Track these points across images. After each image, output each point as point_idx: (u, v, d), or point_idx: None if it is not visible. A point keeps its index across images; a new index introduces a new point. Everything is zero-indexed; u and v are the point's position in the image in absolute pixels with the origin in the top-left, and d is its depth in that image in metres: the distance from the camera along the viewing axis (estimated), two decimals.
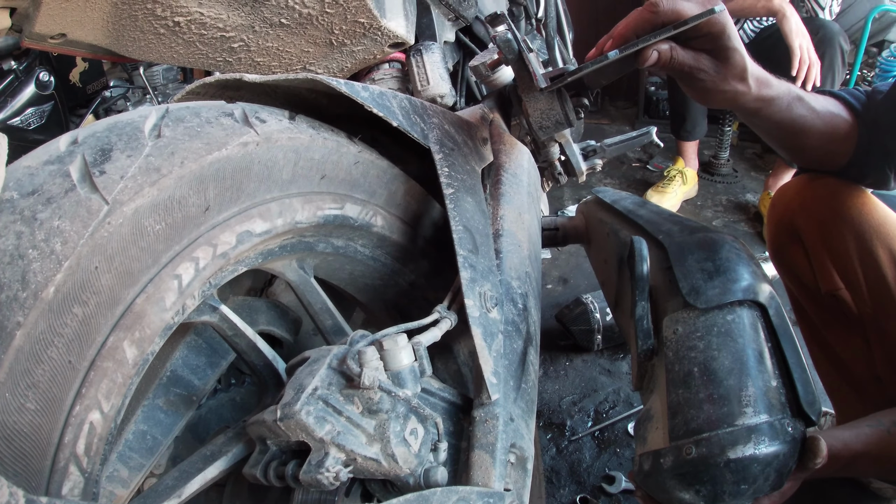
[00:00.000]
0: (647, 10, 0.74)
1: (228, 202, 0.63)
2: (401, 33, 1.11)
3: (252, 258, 0.71)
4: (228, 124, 0.64)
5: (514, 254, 0.79)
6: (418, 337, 0.63)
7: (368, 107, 0.71)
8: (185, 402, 0.82)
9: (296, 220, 0.70)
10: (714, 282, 0.79)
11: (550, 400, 1.68)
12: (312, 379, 0.60)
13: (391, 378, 0.60)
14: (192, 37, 1.08)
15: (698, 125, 2.66)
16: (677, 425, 0.74)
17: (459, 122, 0.88)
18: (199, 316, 0.71)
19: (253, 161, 0.64)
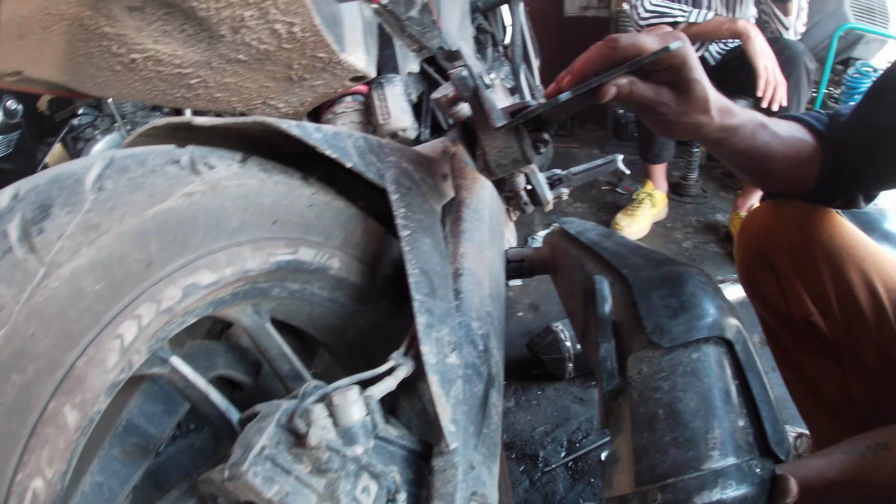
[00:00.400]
0: (606, 46, 0.74)
1: (173, 255, 0.61)
2: (361, 67, 1.10)
3: (201, 308, 0.69)
4: (173, 173, 0.62)
5: (474, 293, 0.77)
6: (370, 390, 0.61)
7: (321, 149, 0.70)
8: (141, 452, 0.78)
9: (246, 269, 0.68)
10: (679, 319, 0.78)
11: (523, 431, 1.66)
12: (260, 437, 0.57)
13: (341, 434, 0.57)
14: (149, 73, 1.07)
15: (665, 148, 2.69)
16: (643, 470, 0.72)
17: (418, 158, 0.87)
18: (149, 369, 0.69)
19: (199, 211, 0.62)
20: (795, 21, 2.41)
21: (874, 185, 1.00)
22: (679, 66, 0.75)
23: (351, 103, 1.21)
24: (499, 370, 0.78)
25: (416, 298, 0.67)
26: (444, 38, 1.43)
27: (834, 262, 1.04)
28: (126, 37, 0.96)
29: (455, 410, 0.66)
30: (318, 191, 0.75)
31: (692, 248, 2.64)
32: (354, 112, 1.20)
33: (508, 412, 1.72)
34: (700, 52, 2.60)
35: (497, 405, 0.77)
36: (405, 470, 0.68)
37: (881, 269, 1.03)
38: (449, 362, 0.67)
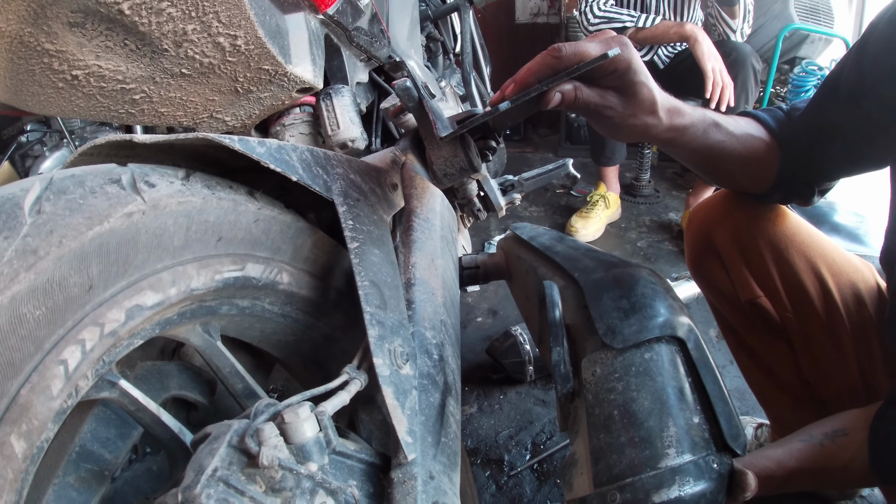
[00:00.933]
0: (549, 55, 0.74)
1: (114, 277, 0.60)
2: (308, 78, 1.09)
3: (148, 330, 0.67)
4: (113, 193, 0.61)
5: (427, 303, 0.77)
6: (322, 405, 0.60)
7: (265, 163, 0.69)
8: (97, 478, 0.77)
9: (192, 288, 0.66)
10: (630, 320, 0.78)
11: (487, 436, 1.66)
12: (212, 459, 0.56)
13: (295, 452, 0.57)
14: (92, 90, 1.04)
15: (617, 151, 2.73)
16: (600, 471, 0.72)
17: (367, 169, 0.86)
18: (98, 393, 0.67)
19: (139, 231, 0.61)
20: (742, 23, 2.48)
21: (829, 177, 1.03)
22: (624, 70, 0.76)
23: (299, 115, 1.20)
24: (455, 378, 0.78)
25: (367, 311, 0.66)
26: (393, 48, 1.42)
27: (777, 249, 1.07)
28: (67, 53, 0.94)
29: (411, 421, 0.66)
30: (265, 205, 0.74)
31: (647, 247, 2.69)
32: (303, 124, 1.18)
33: (471, 418, 1.72)
34: (649, 56, 2.65)
35: (455, 413, 0.76)
36: (365, 483, 0.67)
37: (826, 255, 1.07)
38: (403, 373, 0.66)
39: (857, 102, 0.89)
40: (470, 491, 1.15)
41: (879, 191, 2.55)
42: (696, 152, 0.93)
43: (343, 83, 1.21)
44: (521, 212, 3.04)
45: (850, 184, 2.71)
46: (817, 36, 3.12)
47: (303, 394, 0.61)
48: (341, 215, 0.73)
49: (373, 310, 0.67)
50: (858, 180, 1.09)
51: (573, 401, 0.81)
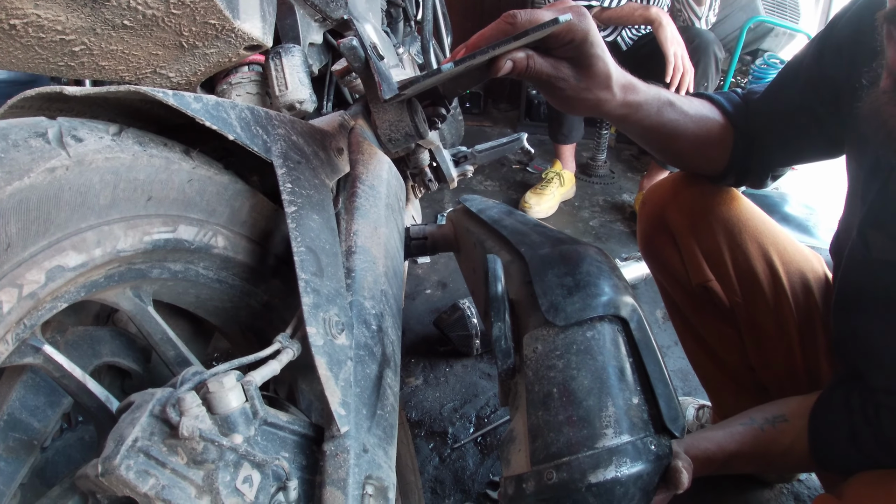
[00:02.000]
0: (503, 22, 0.72)
1: (34, 236, 0.56)
2: (256, 35, 1.05)
3: (72, 292, 0.64)
4: (37, 147, 0.57)
5: (368, 272, 0.75)
6: (250, 375, 0.57)
7: (200, 119, 0.65)
8: (26, 447, 0.73)
9: (118, 249, 0.63)
10: (574, 297, 0.77)
11: (431, 408, 1.66)
12: (133, 429, 0.53)
13: (219, 423, 0.54)
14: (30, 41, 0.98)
15: (574, 129, 2.73)
16: (538, 449, 0.72)
17: (311, 131, 0.83)
18: (21, 358, 0.65)
19: (62, 188, 0.57)
20: (707, 11, 2.49)
21: (782, 162, 1.04)
22: (580, 41, 0.74)
23: (247, 74, 1.15)
24: (395, 350, 0.77)
25: (302, 278, 0.64)
26: (351, 9, 1.38)
27: (731, 233, 1.08)
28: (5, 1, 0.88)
29: (345, 393, 0.64)
30: (200, 165, 0.70)
31: (599, 226, 2.71)
32: (251, 83, 1.14)
33: (416, 390, 1.72)
34: (612, 37, 2.64)
35: (393, 386, 0.75)
36: (297, 456, 0.66)
37: (778, 243, 1.08)
38: (338, 343, 0.65)
39: (815, 90, 0.90)
40: (411, 463, 1.14)
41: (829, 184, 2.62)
42: (649, 130, 0.93)
43: (295, 43, 1.17)
44: (475, 185, 3.03)
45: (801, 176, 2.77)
46: (782, 30, 3.16)
47: (230, 362, 0.59)
48: (279, 178, 0.70)
49: (308, 277, 0.65)
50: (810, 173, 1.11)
51: (514, 377, 0.81)
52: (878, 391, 0.81)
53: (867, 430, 0.81)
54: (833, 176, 2.71)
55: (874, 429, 0.80)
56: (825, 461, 0.87)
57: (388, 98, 0.78)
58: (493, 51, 0.67)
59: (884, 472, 0.79)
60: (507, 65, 0.72)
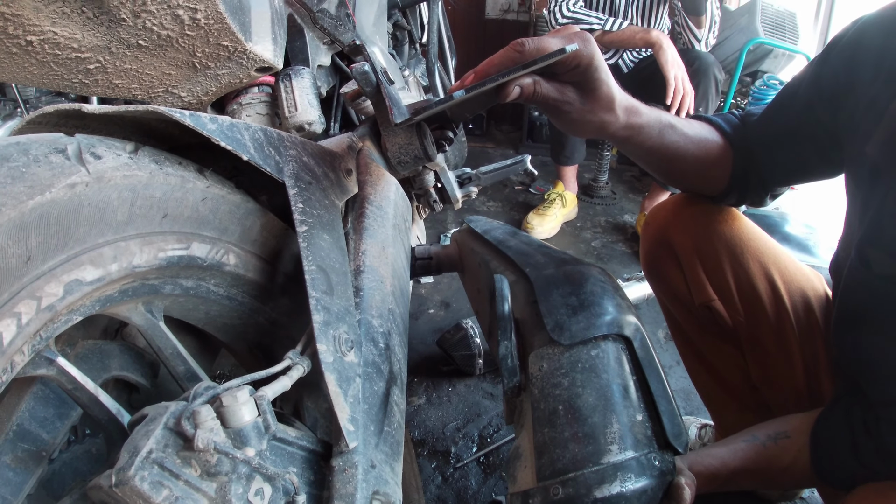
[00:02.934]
0: (512, 49, 0.74)
1: (54, 250, 0.58)
2: (267, 57, 1.07)
3: (88, 306, 0.65)
4: (58, 163, 0.59)
5: (375, 290, 0.76)
6: (262, 390, 0.59)
7: (215, 140, 0.67)
8: (34, 458, 0.74)
9: (133, 265, 0.64)
10: (578, 317, 0.79)
11: (434, 427, 1.66)
12: (147, 441, 0.54)
13: (232, 436, 0.56)
14: (46, 57, 1.00)
15: (577, 151, 2.75)
16: (544, 465, 0.73)
17: (321, 152, 0.85)
18: (34, 370, 0.65)
19: (82, 203, 0.59)
20: (707, 34, 2.52)
21: (781, 181, 1.06)
22: (585, 66, 0.76)
23: (257, 94, 1.17)
24: (401, 368, 0.78)
25: (313, 296, 0.65)
26: (358, 33, 1.41)
27: (734, 253, 1.09)
28: (23, 17, 0.91)
29: (354, 409, 0.65)
30: (214, 184, 0.72)
31: (601, 247, 2.72)
32: (260, 103, 1.16)
33: (419, 409, 1.72)
34: (613, 60, 2.67)
35: (400, 403, 0.76)
36: (305, 471, 0.67)
37: (779, 262, 1.09)
38: (347, 361, 0.66)
39: (813, 112, 0.92)
40: (415, 482, 1.15)
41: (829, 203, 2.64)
42: (651, 151, 0.95)
43: (304, 65, 1.19)
44: (478, 206, 3.05)
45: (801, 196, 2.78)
46: (781, 51, 3.18)
47: (243, 378, 0.60)
48: (291, 198, 0.72)
49: (318, 295, 0.66)
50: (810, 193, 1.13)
51: (519, 395, 0.82)
52: (877, 404, 0.82)
53: (868, 442, 0.81)
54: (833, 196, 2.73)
55: (875, 441, 0.81)
56: (827, 475, 0.87)
57: (400, 122, 0.80)
58: (502, 79, 0.69)
59: (885, 483, 0.79)
60: (514, 91, 0.74)
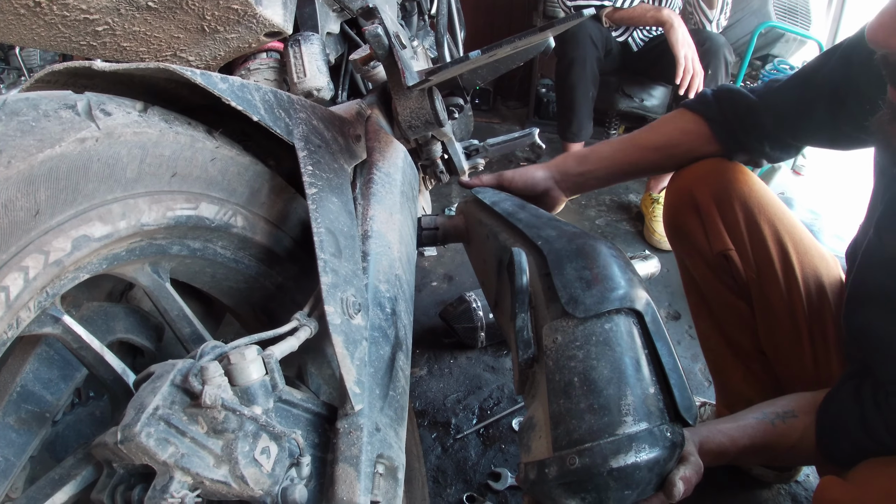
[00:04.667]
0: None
1: (63, 204, 0.57)
2: (277, 22, 1.06)
3: (95, 264, 0.65)
4: (67, 118, 0.58)
5: (383, 256, 0.76)
6: (270, 349, 0.59)
7: (226, 99, 0.67)
8: (38, 420, 0.75)
9: (142, 223, 0.64)
10: (592, 291, 0.79)
11: (435, 398, 1.67)
12: (154, 397, 0.55)
13: (239, 394, 0.56)
14: (54, 18, 0.99)
15: (584, 127, 2.73)
16: (560, 435, 0.74)
17: (331, 117, 0.84)
18: (40, 328, 0.65)
19: (91, 159, 0.58)
20: (719, 15, 2.48)
21: (801, 140, 1.12)
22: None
23: (266, 60, 1.16)
24: (407, 333, 0.78)
25: (321, 258, 0.65)
26: (367, 2, 1.39)
27: (749, 212, 1.14)
28: None
29: (360, 372, 0.65)
30: (223, 145, 0.71)
31: (605, 225, 2.71)
32: (269, 69, 1.15)
33: (421, 380, 1.73)
34: (624, 37, 2.65)
35: (405, 368, 0.76)
36: (310, 433, 0.67)
37: (794, 234, 1.14)
38: (354, 323, 0.66)
39: (838, 96, 0.94)
40: (416, 451, 1.15)
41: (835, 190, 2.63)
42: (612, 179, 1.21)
43: (313, 31, 1.18)
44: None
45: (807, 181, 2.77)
46: (792, 36, 3.14)
47: (250, 337, 0.60)
48: (301, 160, 0.72)
49: (327, 257, 0.66)
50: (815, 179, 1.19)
51: (532, 367, 0.82)
52: (888, 383, 0.83)
53: (878, 417, 0.83)
54: (838, 183, 2.73)
55: (885, 416, 0.82)
56: (833, 452, 0.89)
57: (412, 85, 0.79)
58: (516, 41, 0.69)
59: (891, 457, 0.81)
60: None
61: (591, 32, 2.47)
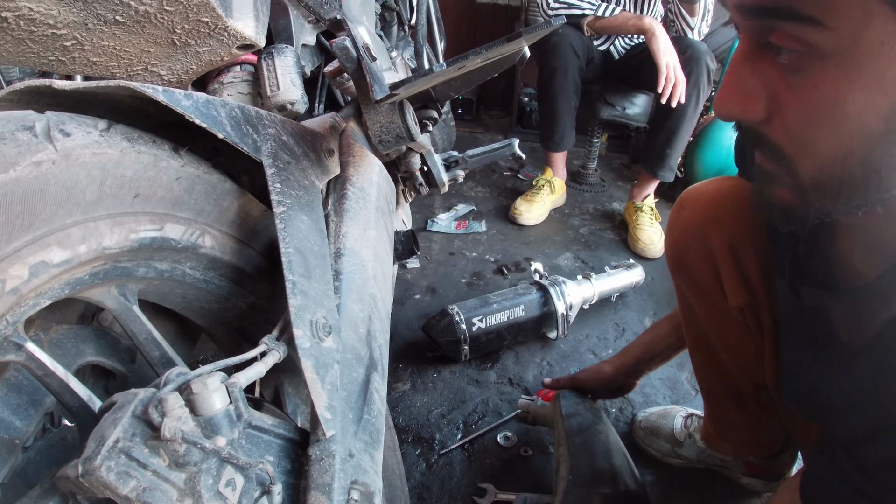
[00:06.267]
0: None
1: (18, 230, 0.55)
2: (249, 34, 1.04)
3: (56, 289, 0.63)
4: (24, 140, 0.56)
5: (356, 274, 0.74)
6: (235, 377, 0.57)
7: (190, 117, 0.65)
8: (7, 446, 0.72)
9: (104, 246, 0.62)
10: None
11: (419, 414, 1.65)
12: (114, 429, 0.52)
13: (202, 424, 0.54)
14: (21, 34, 0.97)
15: (566, 137, 2.73)
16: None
17: (302, 132, 0.82)
18: (3, 355, 0.63)
19: (48, 182, 0.56)
20: (700, 22, 2.49)
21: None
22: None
23: (239, 73, 1.14)
24: (382, 354, 0.76)
25: (289, 279, 0.63)
26: (344, 11, 1.37)
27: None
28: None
29: (331, 397, 0.63)
30: (189, 163, 0.69)
31: (588, 234, 2.71)
32: (242, 83, 1.13)
33: (404, 395, 1.71)
34: (605, 46, 2.65)
35: (380, 390, 0.74)
36: (282, 460, 0.65)
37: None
38: (325, 346, 0.64)
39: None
40: (398, 469, 1.13)
41: None
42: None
43: (287, 43, 1.16)
44: (466, 192, 3.02)
45: None
46: None
47: (215, 363, 0.58)
48: (269, 177, 0.70)
49: (295, 278, 0.64)
50: None
51: None
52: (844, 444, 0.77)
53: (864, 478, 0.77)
54: None
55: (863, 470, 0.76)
56: None
57: (380, 98, 0.78)
58: (484, 52, 0.67)
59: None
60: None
61: (572, 41, 2.48)
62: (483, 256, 2.47)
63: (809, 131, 0.57)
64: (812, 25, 0.50)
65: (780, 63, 0.56)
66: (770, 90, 0.58)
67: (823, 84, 0.53)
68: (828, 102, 0.54)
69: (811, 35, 0.51)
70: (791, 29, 0.52)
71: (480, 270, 2.36)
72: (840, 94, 0.52)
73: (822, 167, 0.58)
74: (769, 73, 0.57)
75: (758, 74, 0.58)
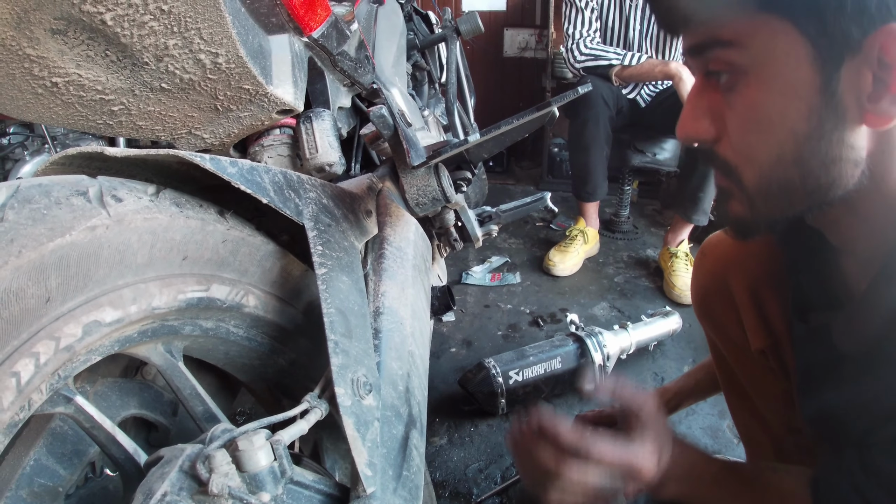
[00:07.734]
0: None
1: (73, 291, 0.58)
2: (288, 100, 1.09)
3: (106, 346, 0.65)
4: (79, 205, 0.59)
5: (395, 332, 0.76)
6: (279, 434, 0.58)
7: (235, 183, 0.68)
8: (50, 494, 0.74)
9: (153, 306, 0.65)
10: None
11: (456, 468, 1.64)
12: (162, 483, 0.54)
13: (247, 480, 0.55)
14: (71, 98, 1.03)
15: (599, 187, 2.74)
16: None
17: (341, 194, 0.86)
18: (52, 408, 0.65)
19: (102, 246, 0.59)
20: None
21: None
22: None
23: (279, 136, 1.19)
24: (421, 410, 0.77)
25: (331, 339, 0.65)
26: (378, 75, 1.43)
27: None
28: (48, 59, 0.93)
29: (371, 454, 0.64)
30: (234, 226, 0.72)
31: (623, 282, 2.69)
32: (282, 145, 1.17)
33: (441, 450, 1.70)
34: (634, 94, 2.68)
35: (419, 446, 0.75)
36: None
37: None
38: (365, 404, 0.65)
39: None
40: None
41: None
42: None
43: (325, 107, 1.21)
44: (500, 243, 3.05)
45: None
46: None
47: (259, 421, 0.59)
48: (311, 240, 0.72)
49: (337, 338, 0.66)
50: None
51: None
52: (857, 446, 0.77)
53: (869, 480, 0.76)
54: None
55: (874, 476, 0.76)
56: None
57: (417, 165, 0.81)
58: (515, 121, 0.70)
59: None
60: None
61: (602, 92, 2.51)
62: (518, 308, 2.47)
63: (746, 139, 0.66)
64: (732, 48, 0.62)
65: (722, 86, 0.66)
66: (716, 112, 0.68)
67: (749, 95, 0.64)
68: (755, 109, 0.64)
69: (733, 55, 0.63)
70: (720, 54, 0.64)
71: (516, 322, 2.36)
72: (763, 100, 0.63)
73: (762, 174, 0.67)
74: (715, 97, 0.68)
75: (706, 100, 0.69)
